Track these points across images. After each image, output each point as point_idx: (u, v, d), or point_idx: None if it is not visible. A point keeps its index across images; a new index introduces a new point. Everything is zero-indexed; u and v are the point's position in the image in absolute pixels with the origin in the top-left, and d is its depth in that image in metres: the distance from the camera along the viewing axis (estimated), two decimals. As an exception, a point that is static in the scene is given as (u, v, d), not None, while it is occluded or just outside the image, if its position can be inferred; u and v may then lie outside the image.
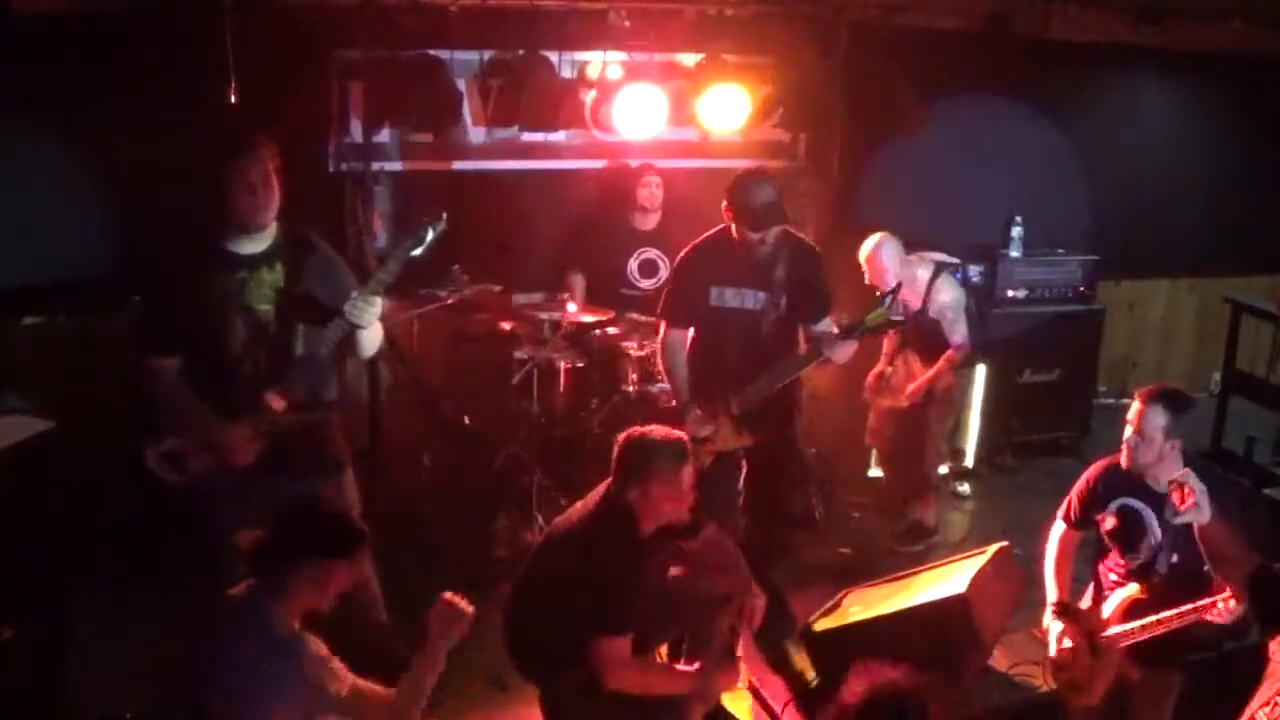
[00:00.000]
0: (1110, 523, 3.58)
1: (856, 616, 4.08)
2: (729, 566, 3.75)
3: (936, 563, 4.42)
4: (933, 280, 5.21)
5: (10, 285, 4.80)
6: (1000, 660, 4.27)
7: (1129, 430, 3.45)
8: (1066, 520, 3.74)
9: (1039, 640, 3.78)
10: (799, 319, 4.36)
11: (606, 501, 3.43)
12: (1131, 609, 3.46)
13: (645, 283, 5.75)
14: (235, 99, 4.73)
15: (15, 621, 3.66)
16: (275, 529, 2.90)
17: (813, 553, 5.27)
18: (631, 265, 5.73)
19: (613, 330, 5.33)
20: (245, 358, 3.43)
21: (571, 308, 5.38)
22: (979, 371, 6.13)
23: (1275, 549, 3.01)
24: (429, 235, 3.43)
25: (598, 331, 5.34)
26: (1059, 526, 3.78)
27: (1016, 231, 6.44)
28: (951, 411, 5.60)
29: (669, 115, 5.47)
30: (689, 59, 5.67)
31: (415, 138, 5.59)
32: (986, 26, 5.49)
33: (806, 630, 4.17)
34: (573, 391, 5.36)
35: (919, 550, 5.26)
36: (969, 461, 6.28)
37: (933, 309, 5.19)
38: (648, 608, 3.45)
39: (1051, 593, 3.72)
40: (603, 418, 5.13)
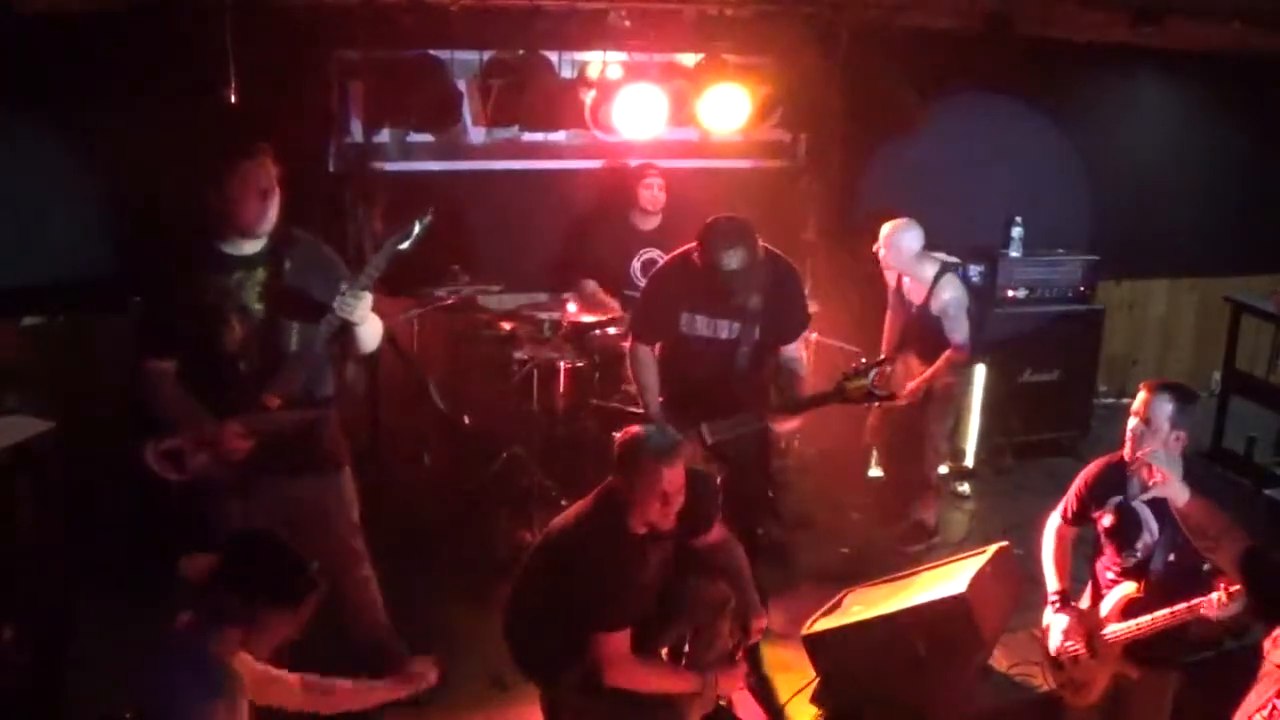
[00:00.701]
0: (1108, 520, 3.58)
1: (857, 616, 4.08)
2: (735, 571, 3.73)
3: (936, 563, 4.42)
4: (938, 278, 5.21)
5: (10, 285, 4.81)
6: (1000, 660, 4.27)
7: (1134, 420, 3.43)
8: (1064, 517, 3.74)
9: (1039, 640, 3.78)
10: (772, 344, 4.17)
11: (601, 498, 3.43)
12: (1129, 607, 3.46)
13: (647, 284, 5.75)
14: (235, 99, 4.72)
15: (15, 621, 3.66)
16: (223, 562, 2.69)
17: (813, 553, 5.28)
18: (634, 266, 5.72)
19: (613, 330, 5.32)
20: (241, 357, 3.43)
21: (571, 308, 5.38)
22: (979, 371, 6.12)
23: (1275, 549, 3.00)
24: (416, 229, 3.42)
25: (598, 331, 5.34)
26: (1054, 520, 3.77)
27: (1016, 231, 6.43)
28: (950, 411, 5.60)
29: (669, 115, 5.46)
30: (689, 59, 5.67)
31: (415, 138, 5.61)
32: (987, 26, 5.48)
33: (807, 630, 4.17)
34: (573, 391, 5.35)
35: (919, 550, 5.26)
36: (969, 461, 6.27)
37: (935, 306, 5.19)
38: (647, 606, 3.46)
39: (1052, 582, 3.71)
40: (603, 418, 5.13)
